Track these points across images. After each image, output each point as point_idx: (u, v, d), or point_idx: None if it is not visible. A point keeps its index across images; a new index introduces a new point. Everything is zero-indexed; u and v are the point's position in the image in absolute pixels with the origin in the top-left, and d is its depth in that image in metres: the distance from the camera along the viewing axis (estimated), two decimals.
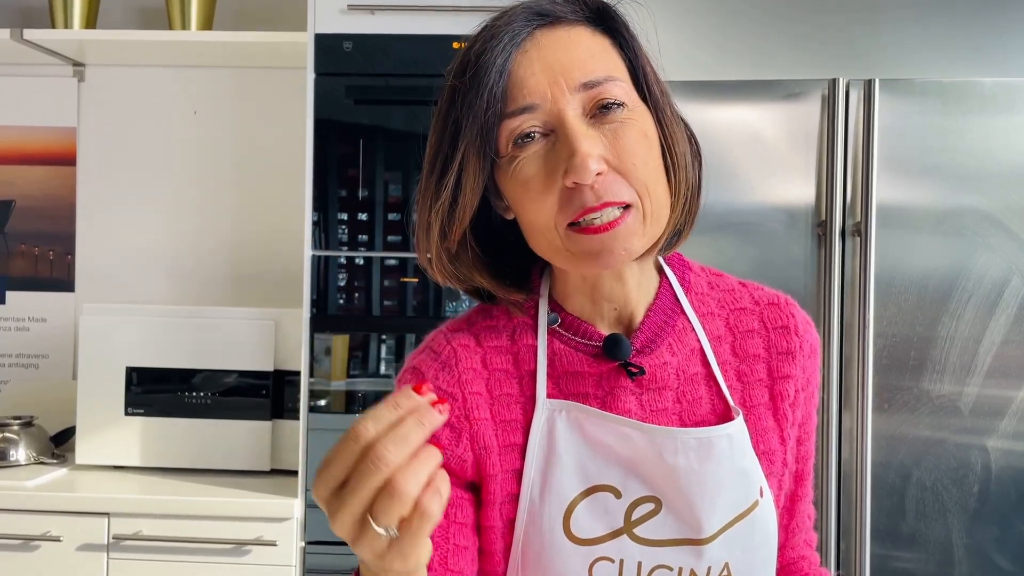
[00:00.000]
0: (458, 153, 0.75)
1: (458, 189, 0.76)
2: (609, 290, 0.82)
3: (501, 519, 0.81)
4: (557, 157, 0.73)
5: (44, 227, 2.59)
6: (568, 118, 0.73)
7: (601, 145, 0.73)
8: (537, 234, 0.77)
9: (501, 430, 0.81)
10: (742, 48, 2.44)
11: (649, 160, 0.75)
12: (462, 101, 0.75)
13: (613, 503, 0.78)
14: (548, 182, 0.74)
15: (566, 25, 0.77)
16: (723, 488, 0.78)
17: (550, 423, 0.80)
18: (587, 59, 0.75)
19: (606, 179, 0.73)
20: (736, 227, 1.91)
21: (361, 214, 2.09)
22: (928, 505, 1.87)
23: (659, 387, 0.82)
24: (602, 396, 0.81)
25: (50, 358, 2.58)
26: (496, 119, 0.74)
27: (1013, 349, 1.86)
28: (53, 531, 2.00)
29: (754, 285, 0.89)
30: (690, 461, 0.77)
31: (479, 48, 0.75)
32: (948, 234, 1.87)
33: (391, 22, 2.06)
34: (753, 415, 0.84)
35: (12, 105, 2.59)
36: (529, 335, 0.84)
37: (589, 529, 0.78)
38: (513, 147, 0.75)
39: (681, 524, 0.78)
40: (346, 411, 2.08)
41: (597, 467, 0.79)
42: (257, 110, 2.55)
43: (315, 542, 2.04)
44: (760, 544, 0.81)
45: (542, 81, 0.74)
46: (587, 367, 0.82)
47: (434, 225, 0.78)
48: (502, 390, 0.82)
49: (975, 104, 1.87)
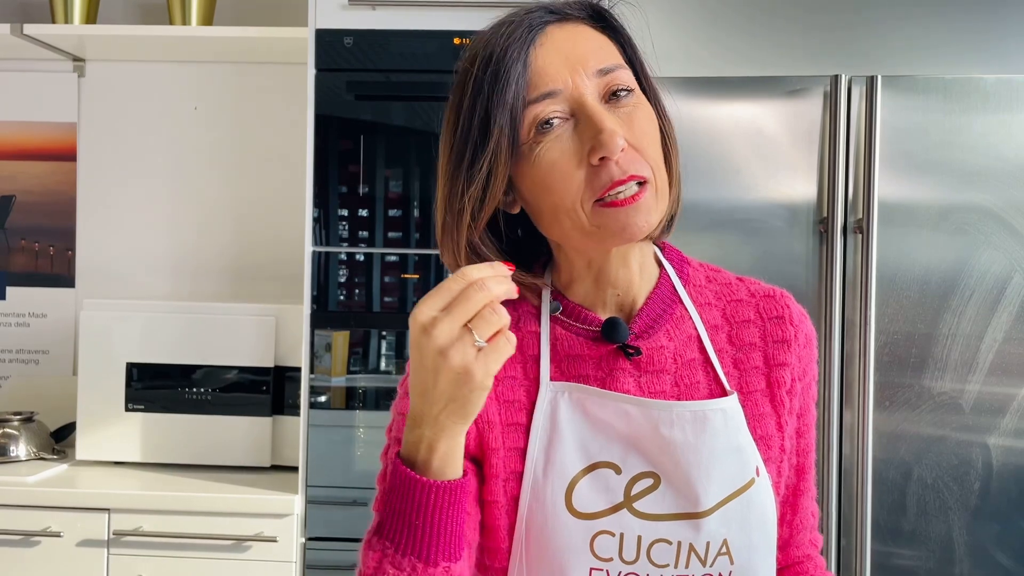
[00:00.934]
0: (490, 141, 0.79)
1: (490, 176, 0.80)
2: (615, 275, 0.86)
3: (505, 495, 0.83)
4: (581, 138, 0.78)
5: (44, 222, 2.59)
6: (588, 101, 0.78)
7: (620, 126, 0.78)
8: (560, 216, 0.80)
9: (505, 409, 0.84)
10: (744, 45, 2.43)
11: (656, 142, 0.81)
12: (491, 90, 0.79)
13: (614, 479, 0.82)
14: (575, 162, 0.78)
15: (573, 22, 0.82)
16: (719, 462, 0.81)
17: (553, 403, 0.84)
18: (597, 50, 0.81)
19: (628, 155, 0.78)
20: (738, 224, 1.91)
21: (362, 210, 2.09)
22: (929, 502, 1.87)
23: (657, 370, 0.85)
24: (602, 377, 0.85)
25: (50, 354, 2.58)
26: (522, 106, 0.79)
27: (1015, 346, 1.86)
28: (53, 527, 2.00)
29: (751, 280, 0.93)
30: (686, 434, 0.81)
31: (503, 42, 0.80)
32: (950, 231, 1.87)
33: (392, 18, 2.06)
34: (750, 401, 0.87)
35: (12, 100, 2.59)
36: (532, 322, 0.88)
37: (590, 504, 0.81)
38: (535, 134, 0.79)
39: (679, 498, 0.81)
40: (346, 407, 2.08)
41: (598, 444, 0.82)
42: (258, 106, 2.55)
43: (315, 538, 2.04)
44: (758, 524, 0.83)
45: (562, 69, 0.79)
46: (587, 350, 0.86)
47: (465, 211, 0.82)
48: (506, 373, 0.85)
49: (977, 101, 1.86)
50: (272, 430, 2.21)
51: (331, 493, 2.05)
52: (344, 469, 2.06)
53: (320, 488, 2.05)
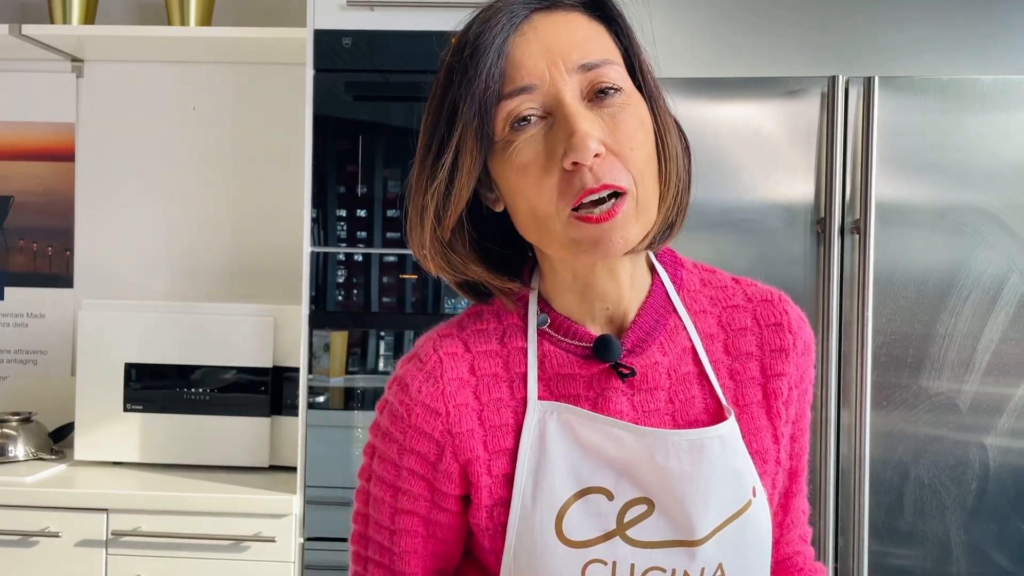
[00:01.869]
0: (455, 134, 0.74)
1: (455, 171, 0.75)
2: (602, 288, 0.81)
3: (492, 521, 0.80)
4: (555, 139, 0.72)
5: (43, 223, 2.59)
6: (566, 99, 0.73)
7: (599, 127, 0.72)
8: (536, 222, 0.75)
9: (491, 436, 0.80)
10: (742, 45, 2.43)
11: (645, 146, 0.75)
12: (459, 81, 0.74)
13: (606, 505, 0.78)
14: (547, 165, 0.73)
15: (563, 10, 0.76)
16: (715, 489, 0.78)
17: (541, 425, 0.79)
18: (584, 42, 0.75)
19: (604, 162, 0.72)
20: (736, 224, 1.91)
21: (360, 210, 2.09)
22: (926, 502, 1.87)
23: (651, 387, 0.81)
24: (593, 397, 0.80)
25: (49, 354, 2.57)
26: (493, 100, 0.73)
27: (1011, 347, 1.86)
28: (52, 527, 2.00)
29: (747, 282, 0.88)
30: (682, 463, 0.77)
31: (477, 29, 0.75)
32: (947, 231, 1.87)
33: (390, 18, 2.06)
34: (746, 414, 0.83)
35: (11, 101, 2.59)
36: (519, 337, 0.83)
37: (582, 531, 0.78)
38: (510, 131, 0.74)
39: (674, 526, 0.78)
40: (345, 407, 2.08)
41: (589, 469, 0.78)
42: (256, 106, 2.55)
43: (314, 538, 2.04)
44: (753, 543, 0.81)
45: (540, 62, 0.73)
46: (578, 369, 0.81)
47: (429, 208, 0.77)
48: (491, 395, 0.81)
49: (974, 102, 1.87)
50: (271, 430, 2.21)
51: (330, 493, 2.05)
52: (343, 469, 2.06)
53: (319, 488, 2.05)
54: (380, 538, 0.85)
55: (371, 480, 0.85)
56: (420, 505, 0.83)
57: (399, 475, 0.82)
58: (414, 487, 0.82)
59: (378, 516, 0.85)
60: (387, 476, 0.83)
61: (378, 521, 0.85)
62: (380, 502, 0.84)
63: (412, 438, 0.81)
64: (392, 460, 0.82)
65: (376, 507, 0.85)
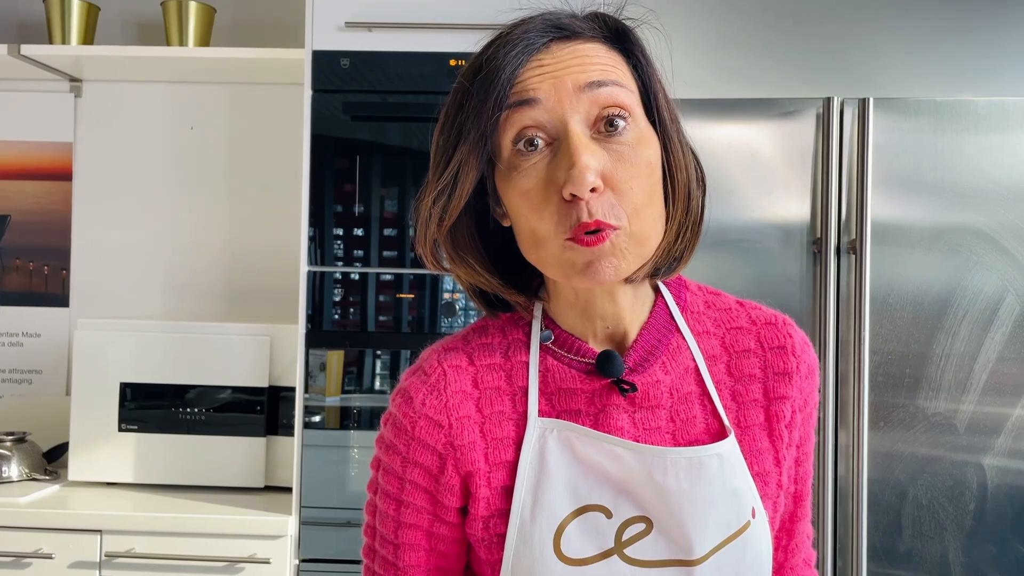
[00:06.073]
0: (459, 154, 0.76)
1: (455, 181, 0.76)
2: (602, 308, 0.82)
3: (488, 532, 0.81)
4: (558, 166, 0.73)
5: (39, 242, 2.59)
6: (571, 127, 0.73)
7: (602, 160, 0.73)
8: (535, 243, 0.76)
9: (492, 449, 0.81)
10: (738, 67, 2.45)
11: (647, 186, 0.75)
12: (469, 105, 0.75)
13: (604, 523, 0.78)
14: (547, 193, 0.74)
15: (582, 40, 0.76)
16: (713, 508, 0.77)
17: (541, 441, 0.80)
18: (597, 65, 0.75)
19: (601, 196, 0.72)
20: (732, 244, 1.92)
21: (357, 230, 2.09)
22: (924, 523, 1.87)
23: (652, 405, 0.81)
24: (594, 414, 0.80)
25: (44, 373, 2.57)
26: (499, 113, 0.74)
27: (1008, 366, 1.86)
28: (45, 548, 1.99)
29: (752, 304, 0.88)
30: (680, 481, 0.77)
31: (491, 54, 0.75)
32: (943, 252, 1.88)
33: (388, 39, 2.07)
34: (748, 436, 0.83)
35: (9, 120, 2.59)
36: (523, 352, 0.83)
37: (580, 549, 0.77)
38: (515, 153, 0.75)
39: (672, 545, 0.77)
40: (341, 427, 2.08)
41: (588, 486, 0.78)
42: (254, 126, 2.56)
43: (309, 559, 2.03)
44: (752, 565, 0.80)
45: (547, 80, 0.74)
46: (580, 384, 0.81)
47: (433, 215, 0.78)
48: (494, 408, 0.82)
49: (969, 123, 1.88)
50: (266, 450, 2.20)
51: (325, 514, 2.04)
52: (339, 490, 2.05)
53: (314, 509, 2.04)
54: (385, 552, 0.86)
55: (377, 493, 0.86)
56: (423, 518, 0.83)
57: (403, 488, 0.83)
58: (417, 500, 0.83)
59: (383, 530, 0.86)
60: (391, 489, 0.84)
61: (383, 535, 0.86)
62: (385, 515, 0.85)
63: (415, 450, 0.82)
64: (396, 473, 0.83)
65: (382, 520, 0.86)
